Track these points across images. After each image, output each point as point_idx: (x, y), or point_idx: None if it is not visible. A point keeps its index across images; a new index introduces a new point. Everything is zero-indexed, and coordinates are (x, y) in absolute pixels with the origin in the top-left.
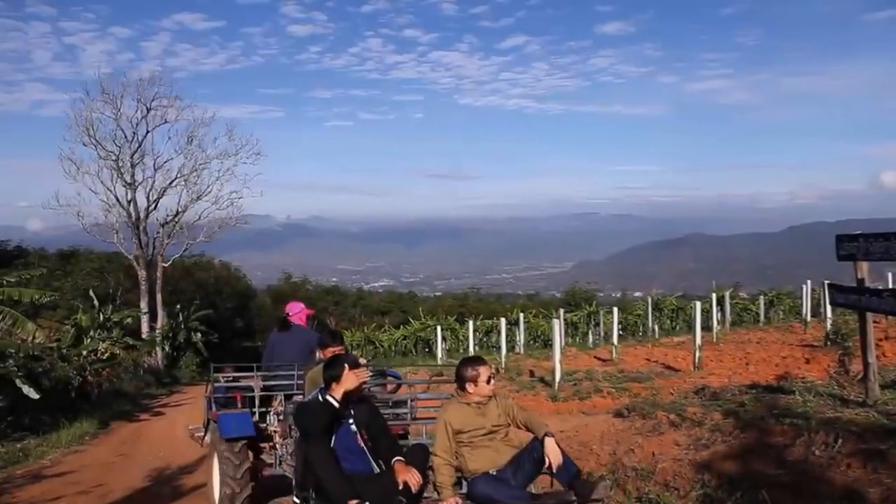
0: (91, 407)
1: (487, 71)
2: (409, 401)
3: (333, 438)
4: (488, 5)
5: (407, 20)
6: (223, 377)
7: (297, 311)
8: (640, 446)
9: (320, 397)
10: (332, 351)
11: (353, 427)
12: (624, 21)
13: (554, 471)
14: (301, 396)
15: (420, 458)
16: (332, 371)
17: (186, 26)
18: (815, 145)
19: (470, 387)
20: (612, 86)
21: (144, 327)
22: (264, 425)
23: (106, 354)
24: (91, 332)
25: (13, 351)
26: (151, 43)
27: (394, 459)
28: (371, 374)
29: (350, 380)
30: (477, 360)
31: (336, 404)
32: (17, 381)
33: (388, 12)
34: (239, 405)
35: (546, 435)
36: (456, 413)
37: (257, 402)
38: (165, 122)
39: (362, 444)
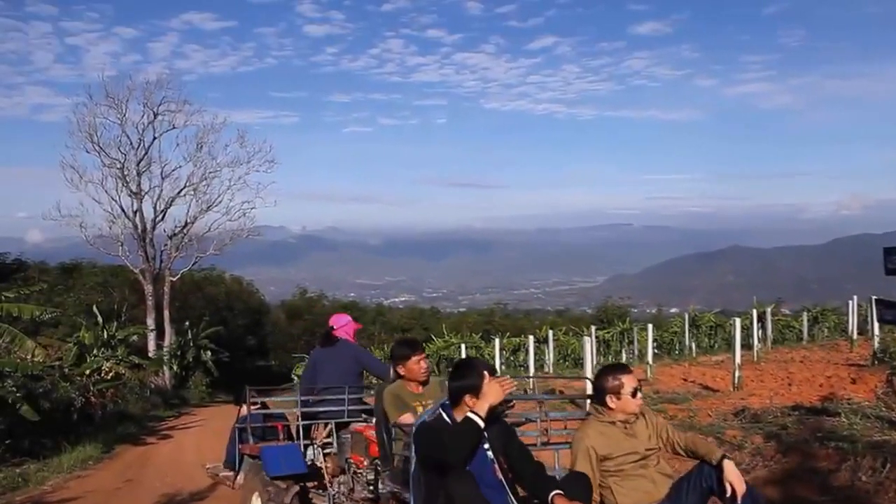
0: (94, 430)
1: (515, 74)
2: (538, 420)
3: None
4: (516, 4)
5: (430, 20)
6: (252, 402)
7: (342, 324)
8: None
9: (445, 416)
10: (416, 362)
11: (490, 453)
12: (659, 21)
13: (739, 502)
14: (362, 422)
15: (584, 490)
16: (467, 380)
17: (196, 26)
18: (861, 152)
19: (611, 401)
20: (647, 89)
21: (151, 345)
22: (309, 460)
23: (110, 374)
24: (94, 351)
25: (11, 371)
26: (158, 44)
27: (551, 494)
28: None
29: (494, 392)
30: (620, 368)
31: (482, 423)
32: (16, 403)
33: (409, 11)
34: (281, 436)
35: (724, 458)
36: (599, 435)
37: (301, 431)
38: (173, 127)
39: (500, 476)
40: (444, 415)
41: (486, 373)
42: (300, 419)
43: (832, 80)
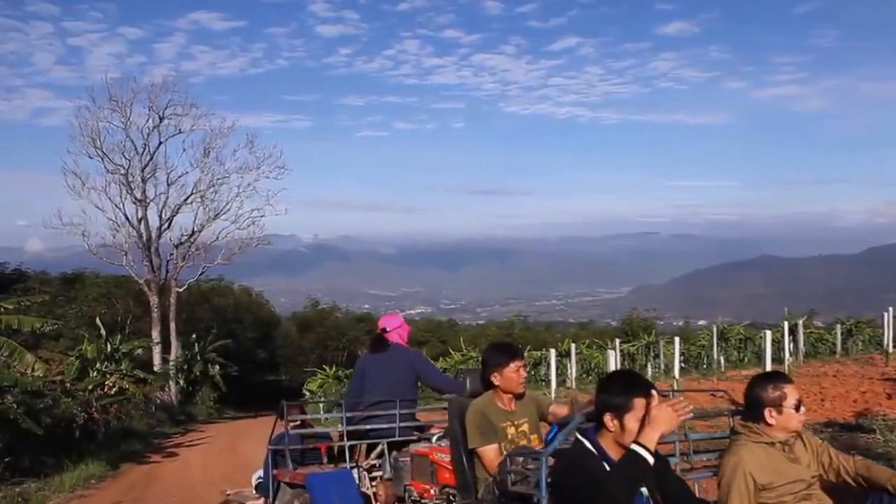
0: (97, 447)
1: (536, 76)
2: (676, 442)
3: None
4: (537, 3)
5: (447, 20)
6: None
7: (396, 326)
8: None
9: (588, 444)
10: (514, 371)
11: (645, 490)
12: (687, 21)
13: None
14: (423, 442)
15: None
16: (627, 396)
17: (203, 26)
18: None
19: (770, 416)
20: (673, 92)
21: (156, 359)
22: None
23: (114, 389)
24: (97, 365)
25: (11, 386)
26: (164, 45)
27: None
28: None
29: (666, 418)
30: (779, 377)
31: (651, 459)
32: (17, 419)
33: (426, 11)
34: (324, 459)
35: None
36: (757, 460)
37: (347, 453)
38: (180, 132)
39: None
40: (586, 441)
41: (654, 392)
42: (346, 438)
43: (867, 82)
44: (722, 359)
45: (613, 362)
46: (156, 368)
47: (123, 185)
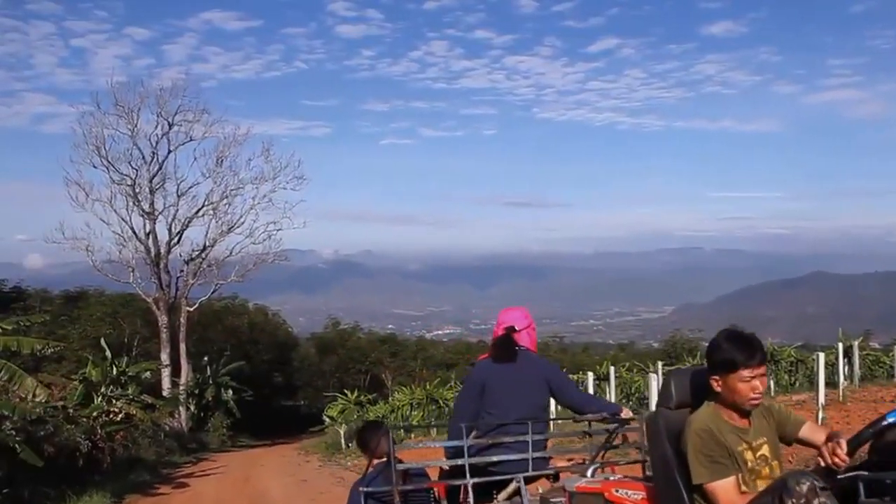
0: (102, 478)
1: (572, 79)
2: None
3: None
4: (573, 2)
5: (477, 19)
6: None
7: (525, 325)
8: None
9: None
10: (747, 378)
11: None
12: (734, 20)
13: None
14: (574, 476)
15: None
16: None
17: (216, 26)
18: None
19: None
20: (720, 97)
21: (165, 383)
22: None
23: (120, 415)
24: (102, 389)
25: (9, 413)
26: (174, 46)
27: None
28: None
29: None
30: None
31: None
32: (16, 448)
33: (454, 10)
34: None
35: None
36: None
37: (472, 495)
38: (190, 139)
39: None
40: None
41: None
42: (468, 474)
43: None
44: (772, 382)
45: (655, 387)
46: (165, 393)
47: (130, 197)
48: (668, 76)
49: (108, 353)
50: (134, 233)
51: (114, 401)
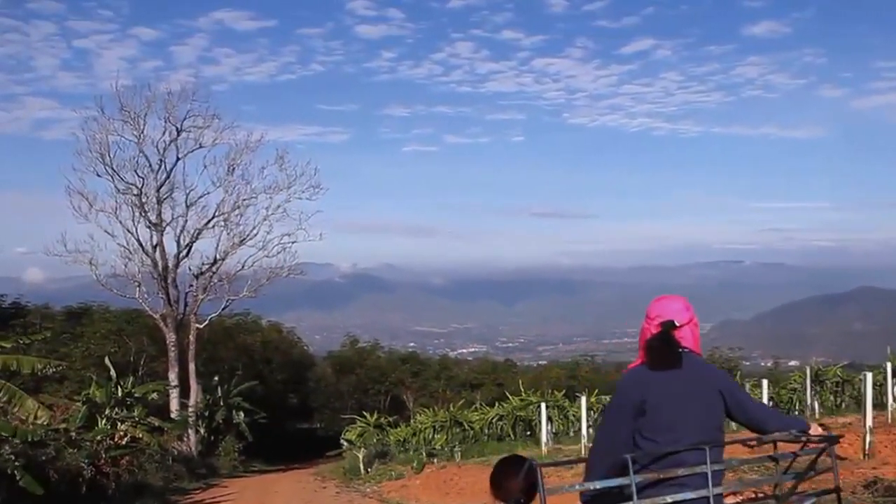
0: None
1: (605, 83)
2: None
3: None
4: (606, 1)
5: (505, 19)
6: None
7: (687, 319)
8: None
9: None
10: None
11: None
12: (777, 20)
13: None
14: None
15: None
16: None
17: (228, 27)
18: None
19: None
20: (762, 102)
21: (174, 404)
22: None
23: (125, 439)
24: (107, 411)
25: (9, 435)
26: (184, 47)
27: None
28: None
29: None
30: None
31: None
32: (16, 474)
33: (480, 9)
34: None
35: None
36: None
37: None
38: (200, 146)
39: None
40: None
41: None
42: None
43: None
44: (816, 404)
45: None
46: (173, 415)
47: (136, 207)
48: (707, 79)
49: (112, 373)
50: (140, 245)
51: (119, 423)
